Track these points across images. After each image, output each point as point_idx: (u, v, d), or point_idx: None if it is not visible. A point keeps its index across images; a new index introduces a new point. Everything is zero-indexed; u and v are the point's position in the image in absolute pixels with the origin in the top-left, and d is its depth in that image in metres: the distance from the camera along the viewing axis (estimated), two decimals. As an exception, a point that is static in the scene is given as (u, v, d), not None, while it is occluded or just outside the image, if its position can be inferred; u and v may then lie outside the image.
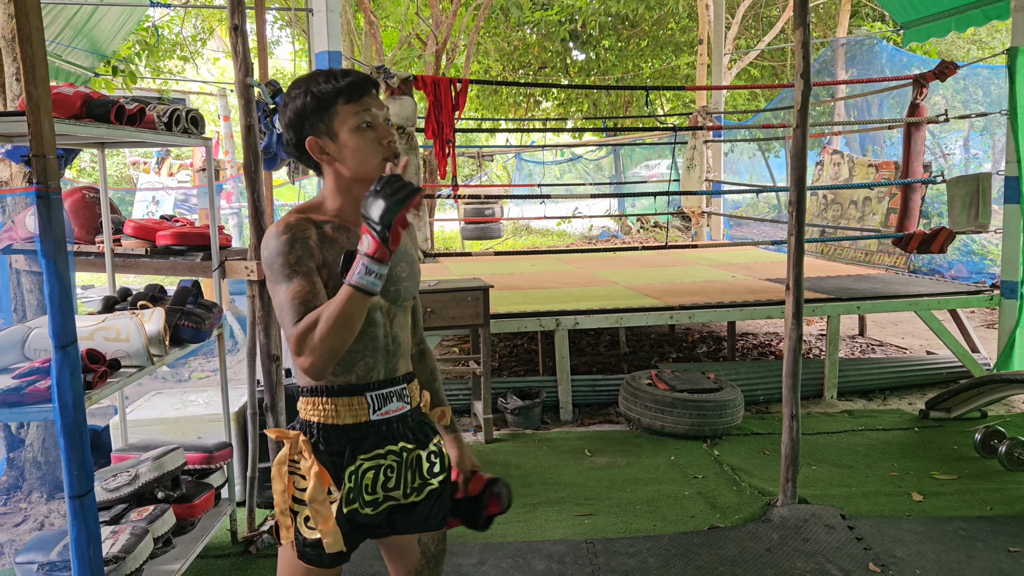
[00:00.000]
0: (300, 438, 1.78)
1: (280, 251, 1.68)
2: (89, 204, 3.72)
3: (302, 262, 1.68)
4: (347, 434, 1.79)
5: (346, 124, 1.74)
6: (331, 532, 1.73)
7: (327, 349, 1.61)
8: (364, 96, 1.76)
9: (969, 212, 5.42)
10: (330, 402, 1.78)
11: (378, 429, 1.81)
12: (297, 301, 1.65)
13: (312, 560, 1.78)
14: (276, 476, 1.78)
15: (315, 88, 1.74)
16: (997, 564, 3.28)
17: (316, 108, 1.74)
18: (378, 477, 1.81)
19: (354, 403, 1.79)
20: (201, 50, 15.48)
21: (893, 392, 5.78)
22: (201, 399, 4.15)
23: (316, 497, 1.73)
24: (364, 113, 1.75)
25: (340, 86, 1.74)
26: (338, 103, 1.74)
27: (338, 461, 1.77)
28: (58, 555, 2.61)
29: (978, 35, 15.48)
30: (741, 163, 16.69)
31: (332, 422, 1.78)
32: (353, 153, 1.76)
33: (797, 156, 3.52)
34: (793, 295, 3.59)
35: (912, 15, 7.76)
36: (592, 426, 5.17)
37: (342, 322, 1.59)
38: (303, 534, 1.76)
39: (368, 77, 1.78)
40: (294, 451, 1.78)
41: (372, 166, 1.76)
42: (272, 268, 1.70)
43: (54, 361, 2.08)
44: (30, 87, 2.01)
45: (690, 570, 3.27)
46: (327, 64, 4.73)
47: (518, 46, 16.83)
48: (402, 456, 1.85)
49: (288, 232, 1.70)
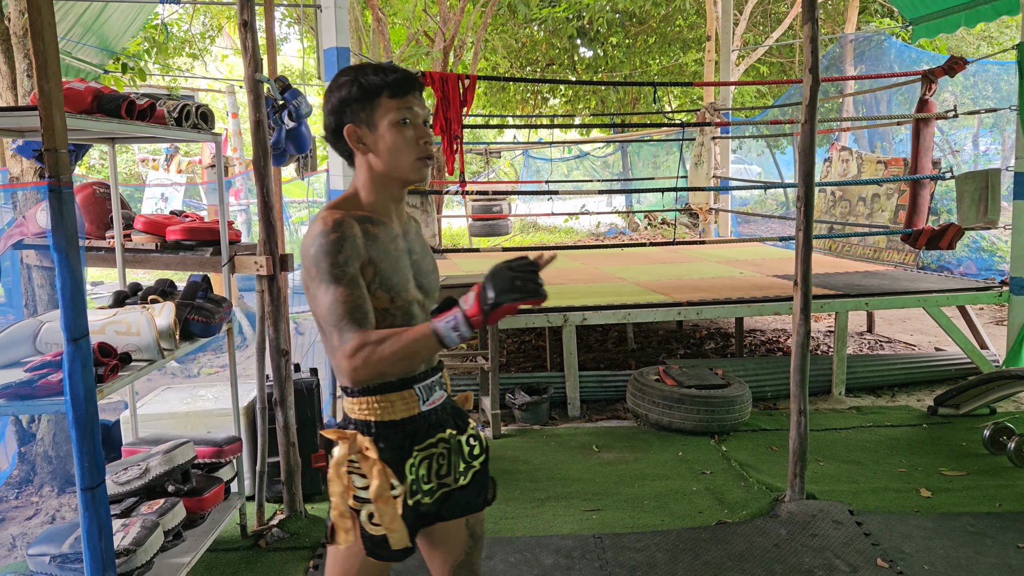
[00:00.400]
0: (359, 437, 1.79)
1: (328, 251, 1.68)
2: (99, 199, 3.74)
3: (350, 264, 1.69)
4: (402, 428, 1.82)
5: (387, 117, 1.77)
6: (399, 528, 1.76)
7: (380, 371, 1.62)
8: (408, 94, 1.79)
9: (978, 208, 5.40)
10: (384, 399, 1.80)
11: (427, 419, 1.85)
12: (350, 306, 1.66)
13: (382, 555, 1.80)
14: (334, 477, 1.79)
15: (363, 78, 1.77)
16: (1006, 560, 3.27)
17: (360, 97, 1.77)
18: (431, 466, 1.85)
19: (406, 396, 1.82)
20: (210, 47, 15.51)
21: (901, 388, 5.77)
22: (210, 394, 4.17)
23: (382, 494, 1.75)
24: (406, 110, 1.78)
25: (387, 80, 1.77)
26: (382, 95, 1.77)
27: (397, 456, 1.80)
28: (70, 547, 2.63)
29: (987, 31, 15.40)
30: (749, 160, 16.67)
31: (388, 418, 1.81)
32: (388, 147, 1.78)
33: (805, 152, 3.51)
34: (801, 291, 3.59)
35: (921, 11, 7.72)
36: (600, 422, 5.18)
37: (408, 356, 1.60)
38: (369, 531, 1.78)
39: (415, 77, 1.81)
40: (353, 450, 1.79)
41: (404, 163, 1.79)
42: (318, 267, 1.68)
43: (66, 354, 2.09)
44: (42, 82, 2.02)
45: (698, 565, 3.28)
46: (336, 61, 4.75)
47: (525, 43, 16.83)
48: (450, 442, 1.89)
49: (337, 231, 1.69)
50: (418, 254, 1.90)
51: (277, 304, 3.50)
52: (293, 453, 3.61)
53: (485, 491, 1.99)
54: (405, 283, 1.81)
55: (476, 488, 1.96)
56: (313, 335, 6.16)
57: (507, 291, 1.53)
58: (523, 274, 1.55)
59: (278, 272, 3.46)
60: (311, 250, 1.70)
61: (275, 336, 3.53)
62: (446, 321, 1.57)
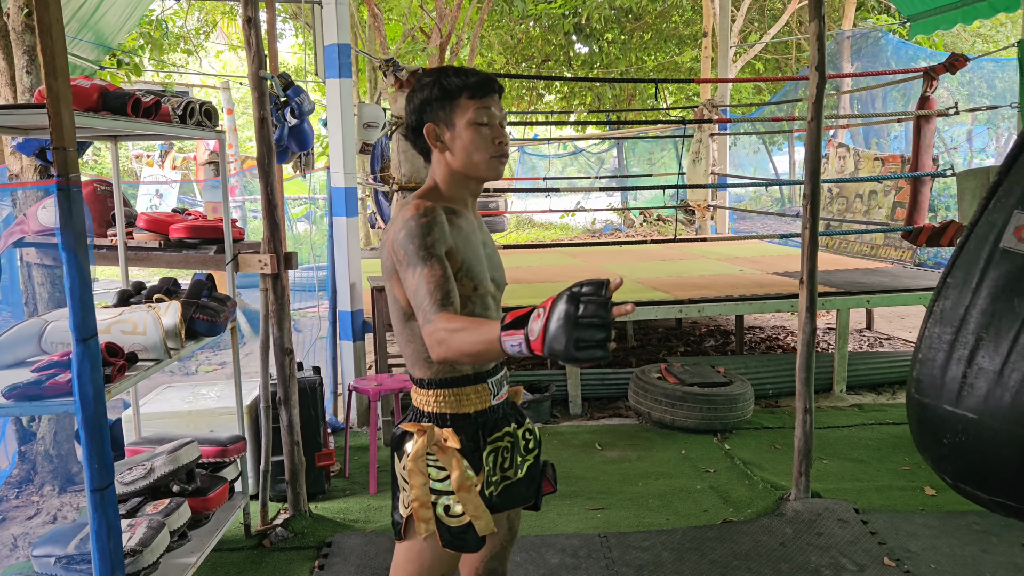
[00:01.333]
0: (435, 429, 1.85)
1: (418, 233, 1.74)
2: (101, 197, 3.71)
3: (437, 246, 1.75)
4: (475, 420, 1.88)
5: (465, 117, 1.85)
6: (483, 515, 1.83)
7: (452, 359, 1.63)
8: (487, 96, 1.86)
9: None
10: (459, 392, 1.87)
11: (496, 413, 1.93)
12: (435, 285, 1.69)
13: (460, 546, 1.85)
14: (414, 470, 1.83)
15: (444, 80, 1.85)
16: (1011, 558, 3.27)
17: (441, 97, 1.85)
18: (497, 459, 1.92)
19: (480, 390, 1.90)
20: (204, 43, 15.44)
21: (902, 386, 5.77)
22: (212, 392, 4.15)
23: (463, 484, 1.82)
24: (483, 111, 1.85)
25: (468, 82, 1.85)
26: (462, 96, 1.85)
27: (472, 447, 1.87)
28: (75, 548, 2.61)
29: (982, 27, 15.43)
30: (745, 157, 16.67)
31: (463, 411, 1.88)
32: (465, 146, 1.85)
33: (812, 149, 3.50)
34: (807, 289, 3.58)
35: (919, 7, 7.72)
36: (602, 420, 5.17)
37: (475, 355, 1.57)
38: (446, 523, 1.83)
39: (494, 79, 1.88)
40: (430, 443, 1.84)
41: (479, 161, 1.86)
42: (407, 250, 1.74)
43: (75, 354, 2.07)
44: (50, 79, 2.00)
45: (704, 564, 3.27)
46: (336, 57, 4.73)
47: (521, 39, 16.79)
48: (515, 436, 1.96)
49: (428, 216, 1.76)
50: (490, 248, 1.98)
51: (281, 303, 3.48)
52: (297, 452, 3.59)
53: (534, 484, 2.03)
54: (484, 273, 1.88)
55: (528, 480, 2.02)
56: (313, 333, 6.14)
57: (566, 347, 1.35)
58: (589, 326, 1.36)
59: (283, 270, 3.44)
60: (401, 234, 1.76)
61: (279, 335, 3.51)
62: (512, 343, 1.45)
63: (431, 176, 1.93)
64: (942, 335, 1.55)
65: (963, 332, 1.52)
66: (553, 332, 1.37)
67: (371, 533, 3.56)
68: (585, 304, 1.36)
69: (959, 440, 1.53)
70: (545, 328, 1.39)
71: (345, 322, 4.97)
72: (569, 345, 1.34)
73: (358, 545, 3.44)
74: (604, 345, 1.35)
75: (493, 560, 2.06)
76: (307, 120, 4.03)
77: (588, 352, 1.34)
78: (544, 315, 1.40)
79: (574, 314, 1.36)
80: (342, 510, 3.81)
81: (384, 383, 4.23)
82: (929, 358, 1.58)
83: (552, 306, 1.39)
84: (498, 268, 1.99)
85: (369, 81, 12.78)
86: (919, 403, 1.61)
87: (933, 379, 1.57)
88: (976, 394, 1.49)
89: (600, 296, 1.37)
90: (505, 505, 1.97)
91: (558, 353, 1.37)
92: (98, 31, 7.56)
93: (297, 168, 4.55)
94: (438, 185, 1.91)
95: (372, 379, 4.34)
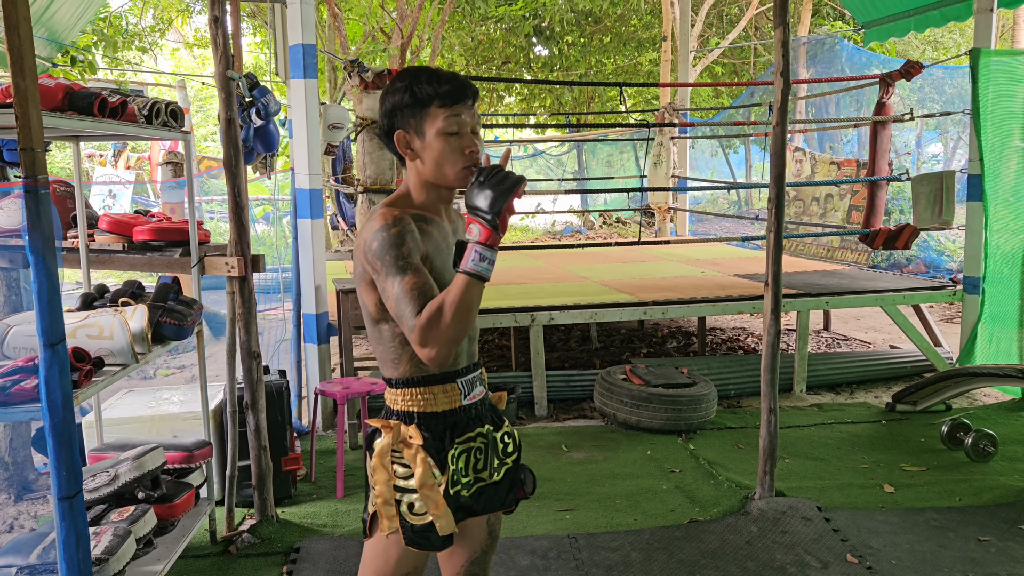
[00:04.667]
0: (402, 427, 1.86)
1: (393, 243, 1.74)
2: (60, 198, 3.62)
3: (413, 255, 1.76)
4: (444, 420, 1.87)
5: (435, 126, 1.82)
6: (443, 514, 1.81)
7: (452, 336, 1.67)
8: (458, 103, 1.82)
9: (933, 209, 5.54)
10: (427, 391, 1.86)
11: (468, 413, 1.91)
12: (416, 292, 1.71)
13: (422, 545, 1.84)
14: (379, 467, 1.84)
15: (416, 86, 1.82)
16: (968, 553, 3.36)
17: (411, 104, 1.82)
18: (469, 460, 1.90)
19: (448, 389, 1.88)
20: (160, 41, 15.17)
21: (860, 386, 5.90)
22: (175, 397, 4.08)
23: (426, 482, 1.81)
24: (454, 120, 1.81)
25: (440, 90, 1.81)
26: (432, 105, 1.81)
27: (439, 446, 1.86)
28: (38, 558, 2.55)
29: (933, 35, 15.82)
30: (702, 160, 16.88)
31: (431, 410, 1.87)
32: (434, 156, 1.83)
33: (776, 154, 3.56)
34: (772, 291, 3.63)
35: (873, 15, 7.89)
36: (567, 421, 5.19)
37: (464, 309, 1.65)
38: (409, 521, 1.83)
39: (469, 86, 1.85)
40: (396, 441, 1.84)
41: (449, 172, 1.84)
42: (383, 260, 1.74)
43: (42, 360, 2.03)
44: (18, 78, 1.96)
45: (672, 563, 3.30)
46: (302, 57, 4.68)
47: (482, 41, 16.79)
48: (488, 438, 1.94)
49: (398, 226, 1.76)
50: None
51: (248, 306, 3.43)
52: (264, 457, 3.55)
53: (514, 488, 2.02)
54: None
55: (507, 485, 2.01)
56: (276, 335, 6.07)
57: (496, 197, 1.63)
58: (494, 177, 1.65)
59: (249, 273, 3.40)
60: (374, 244, 1.75)
61: (246, 338, 3.47)
62: (470, 260, 1.64)
63: (404, 181, 1.92)
64: None
65: None
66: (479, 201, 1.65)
67: (340, 537, 3.53)
68: (481, 174, 1.69)
69: None
70: (473, 213, 1.66)
71: (310, 325, 4.92)
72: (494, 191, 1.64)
73: (327, 550, 3.41)
74: (512, 176, 1.66)
75: (474, 565, 2.05)
76: (273, 121, 3.99)
77: (510, 184, 1.64)
78: (468, 220, 1.67)
79: (476, 184, 1.68)
80: (309, 515, 3.78)
81: (351, 386, 4.20)
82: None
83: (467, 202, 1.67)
84: None
85: (329, 81, 12.68)
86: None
87: None
88: None
89: (488, 168, 1.69)
90: (482, 508, 1.96)
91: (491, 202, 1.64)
92: (50, 27, 7.38)
93: (258, 169, 4.50)
94: (410, 191, 1.90)
95: (339, 382, 4.31)
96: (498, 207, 1.63)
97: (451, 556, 2.04)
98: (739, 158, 18.07)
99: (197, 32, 17.09)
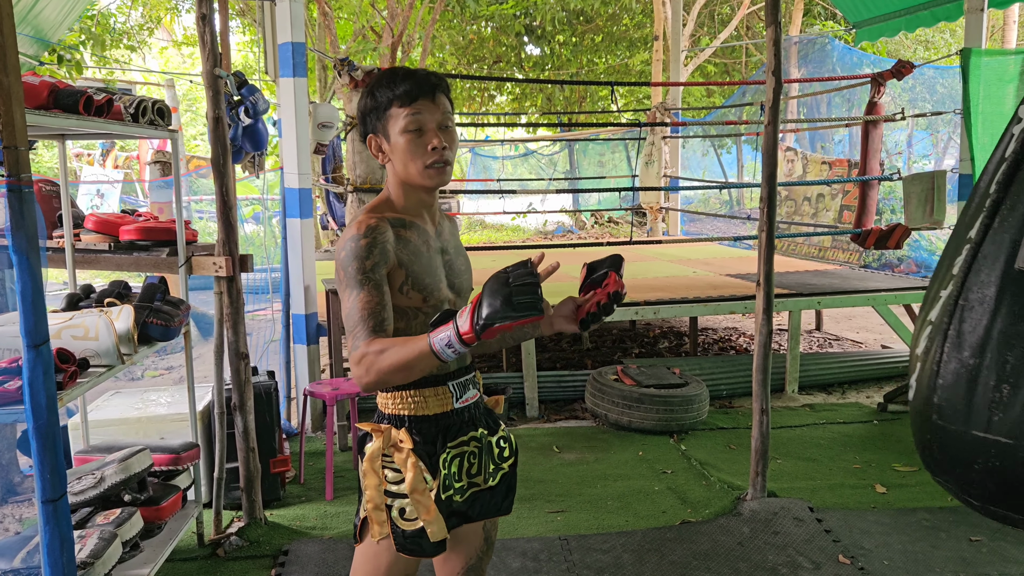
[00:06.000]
0: (393, 431, 1.82)
1: (357, 255, 1.71)
2: (46, 197, 3.58)
3: (376, 270, 1.72)
4: (435, 423, 1.84)
5: (397, 126, 1.79)
6: (434, 520, 1.77)
7: (382, 380, 1.64)
8: (416, 100, 1.78)
9: (924, 209, 5.54)
10: (418, 394, 1.83)
11: (460, 417, 1.88)
12: (367, 312, 1.68)
13: (414, 551, 1.80)
14: (369, 471, 1.81)
15: (377, 90, 1.81)
16: (960, 553, 3.35)
17: (375, 108, 1.81)
18: (463, 464, 1.87)
19: (440, 392, 1.85)
20: (148, 39, 15.08)
21: (851, 386, 5.90)
22: (162, 398, 4.04)
23: (417, 487, 1.77)
24: (414, 118, 1.78)
25: (396, 92, 1.78)
26: (393, 106, 1.79)
27: (431, 450, 1.83)
28: (22, 562, 2.51)
29: (924, 35, 15.87)
30: (694, 159, 16.87)
31: (421, 413, 1.83)
32: (400, 156, 1.80)
33: (768, 153, 3.55)
34: (764, 291, 3.62)
35: (864, 15, 7.90)
36: (559, 422, 5.17)
37: (406, 368, 1.61)
38: (400, 526, 1.79)
39: (428, 81, 1.79)
40: (387, 445, 1.81)
41: (414, 172, 1.80)
42: (346, 271, 1.72)
43: (26, 361, 1.99)
44: (1, 75, 1.92)
45: (664, 565, 3.29)
46: (291, 56, 4.64)
47: (473, 40, 16.76)
48: (482, 442, 1.90)
49: (368, 236, 1.72)
50: (451, 254, 1.93)
51: (236, 306, 3.40)
52: (253, 459, 3.52)
53: (511, 494, 2.00)
54: (438, 283, 1.84)
55: (503, 490, 1.97)
56: (264, 336, 6.03)
57: (502, 309, 1.47)
58: (520, 288, 1.48)
59: (237, 273, 3.36)
60: (342, 253, 1.73)
61: (234, 339, 3.43)
62: (440, 338, 1.55)
63: (385, 185, 1.89)
64: (964, 360, 1.55)
65: (987, 357, 1.52)
66: (487, 301, 1.48)
67: (329, 540, 3.50)
68: (512, 274, 1.50)
69: (992, 465, 1.54)
70: (477, 305, 1.49)
71: (299, 325, 4.89)
72: (506, 304, 1.46)
73: (316, 552, 3.38)
74: (537, 305, 1.47)
75: (470, 572, 2.01)
76: (261, 120, 3.95)
77: (524, 310, 1.46)
78: (473, 302, 1.51)
79: (505, 279, 1.50)
80: (298, 517, 3.74)
81: (340, 387, 4.17)
82: (950, 383, 1.58)
83: (482, 291, 1.51)
84: (461, 274, 1.95)
85: (319, 80, 12.63)
86: (942, 429, 1.61)
87: (957, 405, 1.56)
88: (1010, 419, 1.49)
89: (525, 267, 1.51)
90: (476, 514, 1.93)
91: (493, 313, 1.46)
92: (36, 25, 7.32)
93: (247, 169, 4.46)
94: (391, 196, 1.87)
95: (328, 383, 4.27)
96: (493, 321, 1.47)
97: (446, 562, 2.00)
98: (731, 158, 18.08)
99: (186, 31, 17.01)
